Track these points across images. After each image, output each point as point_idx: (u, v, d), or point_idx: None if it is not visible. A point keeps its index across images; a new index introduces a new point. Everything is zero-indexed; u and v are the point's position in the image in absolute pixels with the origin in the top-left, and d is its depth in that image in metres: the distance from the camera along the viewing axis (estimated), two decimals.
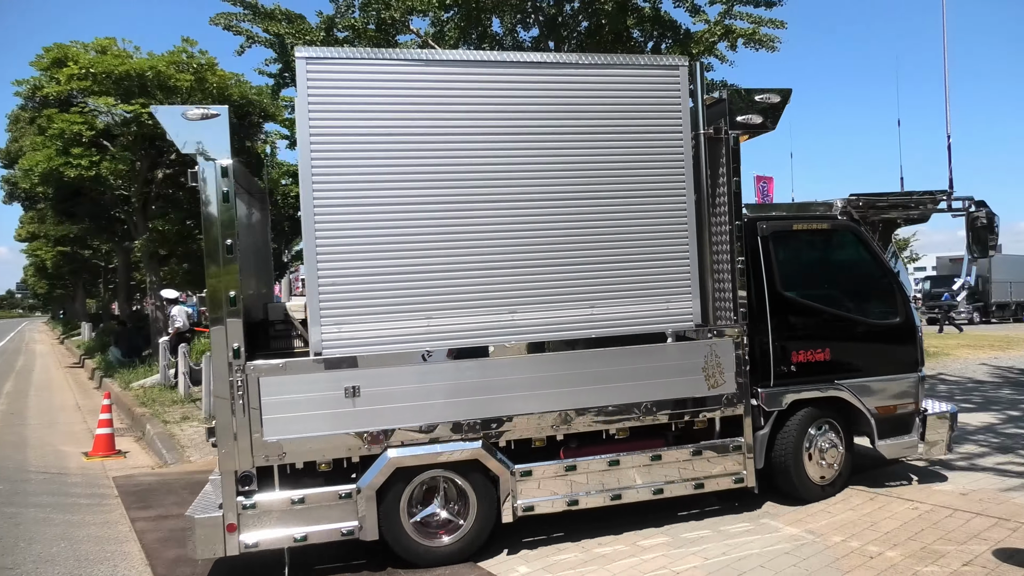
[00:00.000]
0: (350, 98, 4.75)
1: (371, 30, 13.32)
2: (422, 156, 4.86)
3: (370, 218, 4.74)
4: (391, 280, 4.75)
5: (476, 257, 4.90)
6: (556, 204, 5.07)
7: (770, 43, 13.39)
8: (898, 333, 6.10)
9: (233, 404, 4.51)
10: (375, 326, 4.72)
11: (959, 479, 6.17)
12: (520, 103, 5.05)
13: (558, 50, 14.48)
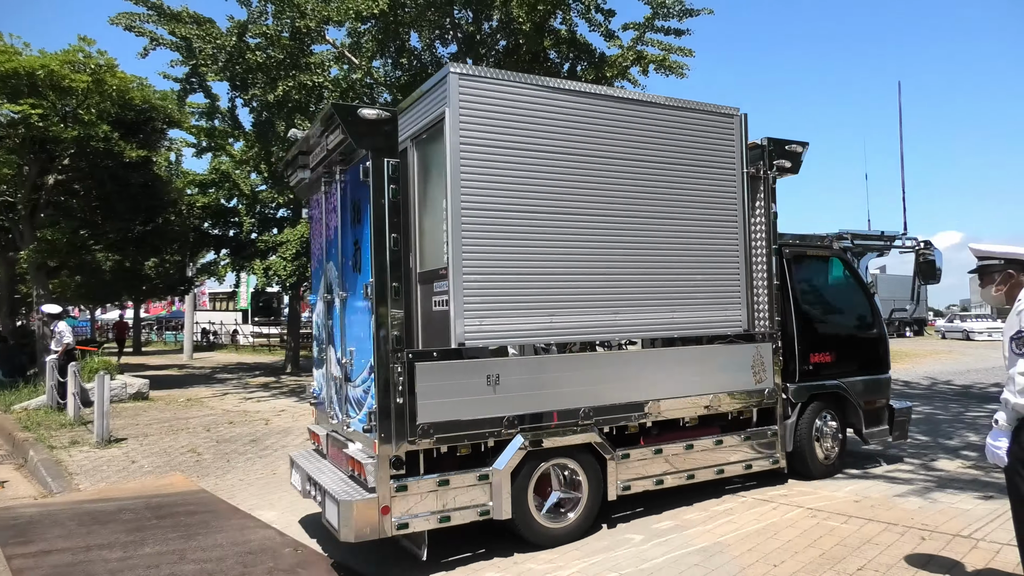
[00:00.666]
0: (492, 113, 5.23)
1: (285, 38, 13.00)
2: (549, 172, 5.44)
3: (506, 224, 5.24)
4: (521, 280, 5.28)
5: (588, 264, 5.55)
6: (646, 224, 5.87)
7: (679, 70, 13.94)
8: (875, 341, 7.50)
9: (393, 391, 4.75)
10: (508, 321, 5.20)
11: (853, 486, 6.51)
12: (623, 133, 5.79)
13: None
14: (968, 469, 7.11)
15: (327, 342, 5.84)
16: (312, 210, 6.32)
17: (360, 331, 5.11)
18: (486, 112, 5.22)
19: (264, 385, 17.19)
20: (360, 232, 5.08)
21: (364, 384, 5.02)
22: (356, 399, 5.17)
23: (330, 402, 5.73)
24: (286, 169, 6.37)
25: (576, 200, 5.55)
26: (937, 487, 6.41)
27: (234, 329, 38.41)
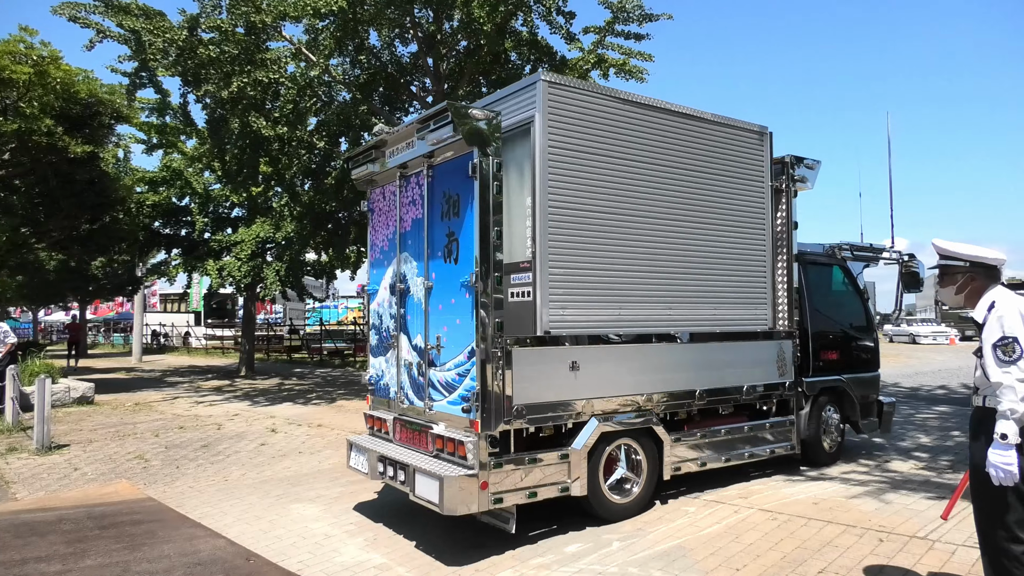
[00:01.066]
0: (573, 119, 5.63)
1: (240, 33, 12.65)
2: (619, 177, 5.91)
3: (584, 223, 5.65)
4: (595, 275, 5.71)
5: (648, 262, 6.05)
6: (692, 226, 6.42)
7: (639, 74, 14.03)
8: (869, 343, 8.34)
9: (493, 374, 5.05)
10: (585, 312, 5.63)
11: (811, 488, 6.57)
12: (677, 144, 6.32)
13: (436, 67, 14.44)
14: (920, 470, 7.25)
15: (398, 330, 6.03)
16: (374, 203, 6.54)
17: (455, 318, 5.30)
18: (569, 118, 5.62)
19: (217, 388, 16.74)
20: (458, 225, 5.31)
21: (459, 368, 5.27)
22: (446, 382, 5.42)
23: (399, 388, 6.03)
24: (353, 160, 6.62)
25: (638, 203, 6.06)
26: (891, 488, 6.50)
27: (186, 331, 37.38)
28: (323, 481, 7.35)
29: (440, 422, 5.48)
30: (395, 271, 6.11)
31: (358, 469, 6.18)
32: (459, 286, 5.25)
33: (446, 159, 5.47)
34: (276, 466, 8.15)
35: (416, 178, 5.84)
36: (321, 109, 14.60)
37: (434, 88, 14.47)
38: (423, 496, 5.16)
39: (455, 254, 5.36)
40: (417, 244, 5.82)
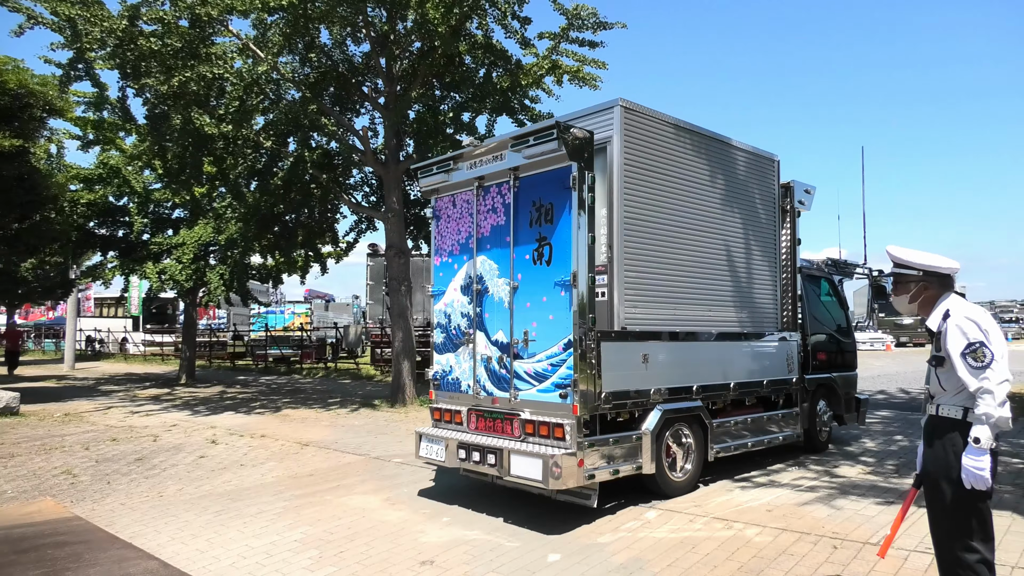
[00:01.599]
0: (642, 140, 6.50)
1: (183, 27, 12.18)
2: (676, 193, 6.85)
3: (649, 232, 6.53)
4: (658, 278, 6.59)
5: (694, 268, 6.98)
6: (723, 236, 7.39)
7: (593, 82, 14.04)
8: (851, 345, 9.61)
9: (588, 364, 5.72)
10: (650, 311, 6.48)
11: (764, 495, 6.59)
12: (715, 166, 7.27)
13: (389, 68, 14.19)
14: (867, 475, 7.35)
15: (474, 328, 6.57)
16: (441, 210, 7.10)
17: (547, 314, 5.90)
18: (639, 139, 6.49)
19: (155, 398, 16.05)
20: (551, 230, 5.92)
21: (551, 359, 5.85)
22: (535, 373, 6.00)
23: (474, 381, 6.55)
24: (423, 170, 7.15)
25: (688, 215, 6.99)
26: (841, 494, 6.56)
27: (123, 337, 35.87)
28: (266, 495, 7.05)
29: (526, 409, 6.07)
30: (469, 273, 6.69)
31: (432, 458, 6.70)
32: (553, 285, 5.88)
33: (536, 171, 6.08)
34: (216, 480, 7.79)
35: (498, 188, 6.46)
36: (269, 107, 14.16)
37: (386, 89, 14.22)
38: (520, 475, 5.80)
39: (547, 257, 5.96)
40: (498, 248, 6.42)
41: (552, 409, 5.88)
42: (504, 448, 5.94)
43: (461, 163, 6.75)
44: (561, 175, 5.84)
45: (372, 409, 13.34)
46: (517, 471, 5.82)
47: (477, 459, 6.19)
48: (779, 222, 8.26)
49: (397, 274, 14.36)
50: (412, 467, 8.10)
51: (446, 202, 7.06)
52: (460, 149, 6.92)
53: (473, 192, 6.72)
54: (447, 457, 6.52)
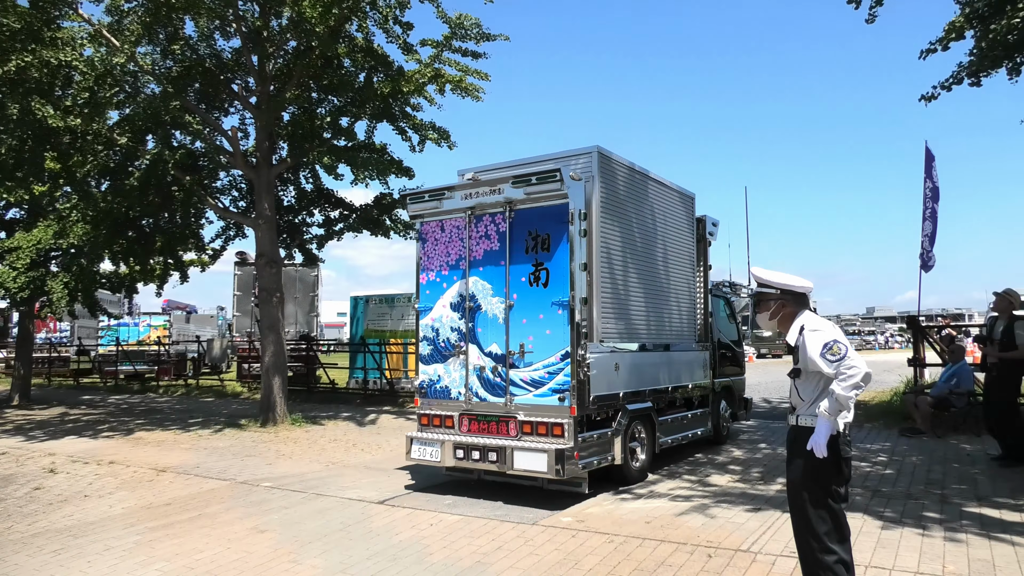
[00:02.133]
0: (611, 183, 7.78)
1: (23, 6, 11.05)
2: (633, 228, 8.17)
3: (615, 255, 7.78)
4: (622, 298, 7.89)
5: (646, 290, 8.36)
6: (665, 268, 8.92)
7: (475, 92, 14.09)
8: (741, 354, 11.70)
9: (582, 371, 6.90)
10: (614, 326, 7.67)
11: (642, 507, 6.79)
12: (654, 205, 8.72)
13: (262, 67, 13.55)
14: (736, 483, 7.77)
15: (466, 341, 7.52)
16: (427, 234, 7.95)
17: (544, 329, 7.02)
18: (609, 181, 7.73)
19: None
20: (547, 257, 7.06)
21: (548, 368, 6.97)
22: (531, 380, 7.08)
23: (466, 388, 7.49)
24: (414, 197, 7.94)
25: (641, 244, 8.38)
26: (714, 502, 6.88)
27: None
28: (115, 529, 6.42)
29: (520, 412, 7.12)
30: (461, 292, 7.62)
31: (426, 459, 7.57)
32: (550, 304, 7.02)
33: (533, 205, 7.19)
34: (54, 515, 7.03)
35: (491, 217, 7.48)
36: (125, 101, 13.11)
37: (258, 88, 13.56)
38: (524, 468, 6.88)
39: (544, 280, 7.08)
40: (492, 271, 7.43)
41: (549, 411, 6.99)
42: (507, 446, 7.02)
43: (455, 193, 7.71)
44: (559, 211, 7.03)
45: (238, 429, 12.65)
46: (521, 465, 6.92)
47: (477, 457, 7.19)
48: (696, 251, 10.02)
49: (268, 284, 13.68)
50: (283, 491, 7.73)
51: (433, 226, 7.96)
52: (458, 183, 7.95)
53: (465, 219, 7.70)
54: (443, 457, 7.44)
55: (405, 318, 17.34)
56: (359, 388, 18.07)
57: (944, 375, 11.03)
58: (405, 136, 14.57)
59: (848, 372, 3.55)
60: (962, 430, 10.58)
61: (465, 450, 7.29)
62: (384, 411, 15.25)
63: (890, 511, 6.33)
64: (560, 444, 6.87)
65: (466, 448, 7.29)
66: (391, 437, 11.67)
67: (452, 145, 14.38)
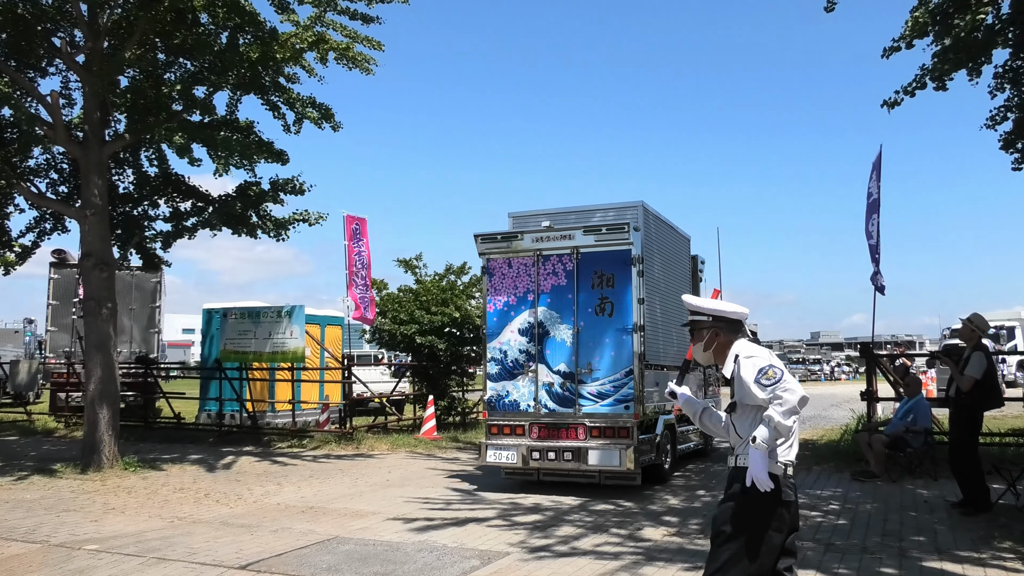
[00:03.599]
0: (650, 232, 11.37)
1: None
2: (663, 268, 11.93)
3: (654, 295, 11.25)
4: (656, 326, 11.30)
5: (668, 318, 11.60)
6: (675, 302, 11.44)
7: (364, 63, 13.95)
8: None
9: (642, 385, 10.20)
10: (655, 349, 11.17)
11: (563, 568, 6.73)
12: (663, 243, 11.99)
13: (93, 17, 12.89)
14: (673, 537, 7.91)
15: (535, 361, 10.65)
16: (495, 269, 11.07)
17: (609, 351, 10.27)
18: (649, 231, 11.14)
19: None
20: (612, 292, 10.33)
21: (614, 382, 10.18)
22: (598, 392, 10.27)
23: (535, 401, 10.59)
24: (487, 237, 11.06)
25: (665, 281, 11.81)
26: (647, 560, 6.97)
27: None
28: None
29: (587, 419, 10.30)
30: (529, 320, 10.78)
31: (502, 462, 10.61)
32: (614, 331, 10.28)
33: (598, 250, 10.44)
34: None
35: (559, 258, 10.69)
36: None
37: (88, 45, 12.88)
38: (598, 464, 10.07)
39: (609, 311, 10.35)
40: (560, 303, 10.63)
41: (616, 418, 10.20)
42: (582, 447, 10.18)
43: (525, 236, 10.85)
44: (623, 255, 10.35)
45: (52, 477, 11.89)
46: (594, 462, 10.10)
47: (552, 457, 10.30)
48: (692, 285, 13.64)
49: (97, 292, 12.93)
50: (113, 555, 7.28)
51: (501, 263, 11.02)
52: (533, 229, 10.92)
53: (532, 258, 10.85)
54: (519, 459, 10.46)
55: (273, 336, 16.82)
56: (213, 424, 17.52)
57: (900, 411, 11.67)
58: (278, 113, 14.28)
59: (784, 396, 3.72)
60: (919, 473, 11.17)
61: (541, 452, 10.39)
62: (245, 452, 14.85)
63: (844, 568, 6.61)
64: (626, 443, 10.13)
65: (541, 450, 10.39)
66: (255, 484, 11.37)
67: (337, 126, 14.18)
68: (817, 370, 68.83)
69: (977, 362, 8.70)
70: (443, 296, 18.17)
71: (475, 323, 17.72)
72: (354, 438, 15.88)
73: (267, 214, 15.36)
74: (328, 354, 19.62)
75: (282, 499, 10.29)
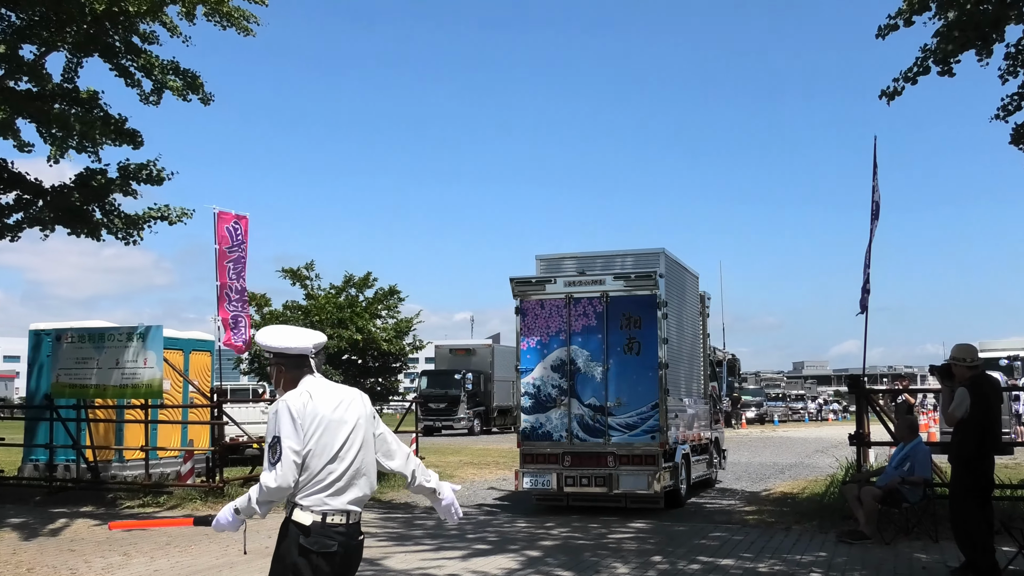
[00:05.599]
0: (668, 275, 15.21)
1: None
2: (679, 309, 16.17)
3: (673, 335, 15.53)
4: (678, 365, 15.82)
5: (684, 356, 16.25)
6: (691, 337, 16.94)
7: (242, 22, 13.74)
8: (720, 408, 19.98)
9: (667, 417, 13.61)
10: (675, 386, 15.14)
11: None
12: (678, 283, 15.80)
13: None
14: None
15: (567, 395, 13.73)
16: (528, 309, 14.30)
17: (636, 387, 13.57)
18: (668, 275, 14.45)
19: None
20: (639, 333, 13.60)
21: (640, 415, 13.42)
22: (625, 424, 13.49)
23: (568, 432, 13.67)
24: (522, 281, 14.45)
25: (680, 321, 15.31)
26: None
27: None
28: None
29: (616, 448, 13.30)
30: (561, 357, 13.78)
31: (538, 488, 13.84)
32: (642, 368, 13.41)
33: (626, 294, 13.69)
34: None
35: (589, 301, 13.78)
36: None
37: None
38: (628, 488, 13.24)
39: (636, 350, 13.49)
40: (590, 341, 13.73)
41: (642, 447, 13.09)
42: (613, 473, 13.16)
43: (558, 279, 14.00)
44: (649, 299, 13.43)
45: None
46: (624, 486, 13.11)
47: (585, 483, 13.32)
48: (702, 323, 16.99)
49: None
50: None
51: (533, 303, 13.98)
52: (565, 274, 14.35)
53: (563, 300, 13.77)
54: (555, 484, 13.48)
55: (122, 365, 15.86)
56: (41, 478, 16.46)
57: (894, 458, 11.63)
58: (131, 80, 13.92)
59: (267, 475, 4.09)
60: (916, 532, 10.94)
61: (574, 478, 13.31)
62: (82, 514, 13.93)
63: None
64: (653, 469, 12.92)
65: (575, 477, 13.32)
66: (94, 555, 10.69)
67: (207, 98, 13.94)
68: (800, 408, 66.47)
69: (960, 399, 8.71)
70: (340, 315, 17.69)
71: (382, 348, 17.59)
72: (225, 493, 14.66)
73: (115, 209, 14.67)
74: (193, 388, 18.04)
75: (130, 574, 9.84)
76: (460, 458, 22.56)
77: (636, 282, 13.37)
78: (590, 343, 13.53)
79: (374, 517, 14.31)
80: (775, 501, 15.34)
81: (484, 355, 45.07)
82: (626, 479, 12.89)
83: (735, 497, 16.43)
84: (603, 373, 13.36)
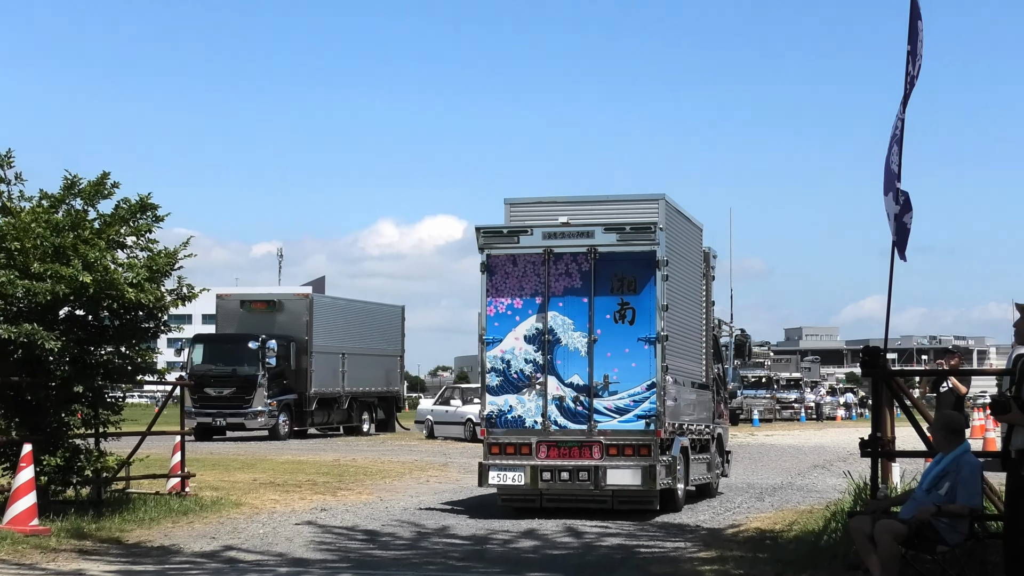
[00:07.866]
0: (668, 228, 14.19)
1: None
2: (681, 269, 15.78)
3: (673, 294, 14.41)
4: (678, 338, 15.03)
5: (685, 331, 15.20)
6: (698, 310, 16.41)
7: None
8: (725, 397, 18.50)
9: (663, 400, 12.59)
10: (675, 363, 14.25)
11: None
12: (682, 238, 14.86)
13: None
14: None
15: (543, 372, 12.49)
16: (496, 266, 12.81)
17: (629, 362, 12.52)
18: (668, 227, 13.27)
19: None
20: (633, 298, 12.49)
21: (633, 396, 12.38)
22: (615, 408, 12.48)
23: (544, 417, 12.47)
24: (491, 231, 13.10)
25: (682, 283, 14.23)
26: None
27: None
28: None
29: (603, 436, 12.36)
30: (537, 326, 12.52)
31: (508, 484, 12.59)
32: (635, 340, 12.34)
33: (618, 249, 12.35)
34: None
35: (572, 257, 12.49)
36: None
37: None
38: (617, 483, 12.28)
39: (630, 318, 12.45)
40: (573, 307, 12.52)
41: (635, 435, 12.18)
42: (599, 466, 12.11)
43: (535, 231, 12.34)
44: (647, 256, 12.23)
45: None
46: (613, 481, 12.21)
47: (565, 478, 12.29)
48: (703, 287, 14.90)
49: None
50: None
51: (504, 259, 12.52)
52: (545, 224, 12.72)
53: (542, 256, 12.37)
54: (527, 480, 12.27)
55: None
56: None
57: (926, 476, 9.10)
58: None
59: None
60: None
61: (552, 472, 12.04)
62: None
63: None
64: (648, 462, 11.84)
65: (553, 470, 12.01)
66: None
67: None
68: (794, 401, 52.44)
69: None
70: (57, 242, 12.76)
71: (127, 298, 12.44)
72: None
73: None
74: None
75: None
76: (254, 475, 18.17)
77: (631, 235, 12.04)
78: (573, 309, 12.32)
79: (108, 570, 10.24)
80: (747, 543, 11.28)
81: (298, 312, 32.69)
82: (615, 473, 11.81)
83: (685, 536, 11.71)
84: (588, 346, 12.20)
